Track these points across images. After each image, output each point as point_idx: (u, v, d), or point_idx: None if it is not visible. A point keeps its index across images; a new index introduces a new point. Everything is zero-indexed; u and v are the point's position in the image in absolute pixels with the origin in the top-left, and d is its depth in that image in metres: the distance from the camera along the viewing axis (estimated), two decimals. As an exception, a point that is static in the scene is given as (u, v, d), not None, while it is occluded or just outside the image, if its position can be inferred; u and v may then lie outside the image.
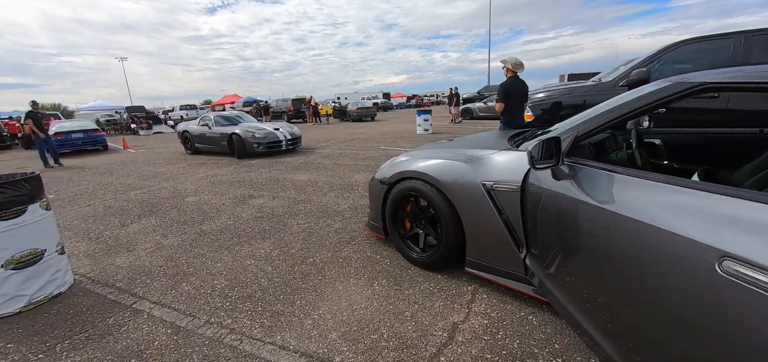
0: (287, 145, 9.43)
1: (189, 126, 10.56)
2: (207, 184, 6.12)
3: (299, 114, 24.13)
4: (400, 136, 12.15)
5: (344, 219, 3.88)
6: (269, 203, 4.70)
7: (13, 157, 13.45)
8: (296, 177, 6.27)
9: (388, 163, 3.10)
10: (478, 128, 13.44)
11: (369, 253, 3.01)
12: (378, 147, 9.61)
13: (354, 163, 7.37)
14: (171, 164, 8.74)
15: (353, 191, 5.07)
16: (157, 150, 12.33)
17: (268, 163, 7.88)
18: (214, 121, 9.91)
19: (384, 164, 3.15)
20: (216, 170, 7.46)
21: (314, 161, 7.83)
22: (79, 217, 4.64)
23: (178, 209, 4.68)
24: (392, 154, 8.40)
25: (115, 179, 7.22)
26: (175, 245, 3.45)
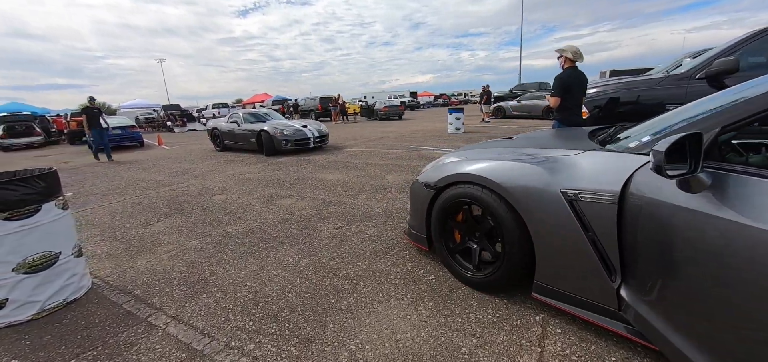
0: (315, 142, 9.26)
1: (218, 123, 10.59)
2: (235, 182, 5.95)
3: (327, 112, 24.13)
4: (431, 135, 11.67)
5: (378, 225, 3.51)
6: (297, 204, 4.41)
7: (59, 152, 14.14)
8: (325, 176, 5.98)
9: (433, 164, 2.70)
10: (512, 128, 12.74)
11: (410, 266, 2.61)
12: (408, 146, 9.19)
13: (385, 162, 7.00)
14: (201, 161, 8.73)
15: (386, 193, 4.69)
16: (190, 147, 12.53)
17: (296, 161, 7.66)
18: (242, 119, 9.86)
19: (428, 165, 2.75)
20: (244, 168, 7.32)
21: (343, 160, 7.53)
22: (108, 213, 4.55)
23: (205, 208, 4.49)
24: (425, 154, 7.99)
25: (147, 175, 7.24)
26: (199, 248, 3.20)
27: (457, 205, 2.28)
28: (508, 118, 18.60)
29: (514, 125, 13.95)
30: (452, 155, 2.65)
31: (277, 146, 8.68)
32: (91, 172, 8.11)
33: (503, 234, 2.02)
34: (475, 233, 2.29)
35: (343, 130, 16.10)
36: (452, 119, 12.24)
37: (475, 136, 10.83)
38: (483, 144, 3.01)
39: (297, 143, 8.86)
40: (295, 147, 8.86)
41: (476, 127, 14.10)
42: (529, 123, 14.69)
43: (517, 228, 1.94)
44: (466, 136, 10.98)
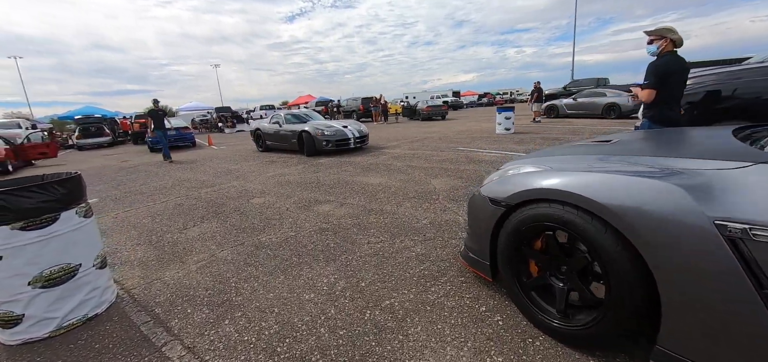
0: (355, 142, 9.03)
1: (261, 124, 10.71)
2: (274, 185, 5.77)
3: (368, 113, 24.01)
4: (478, 136, 10.92)
5: (426, 240, 3.03)
6: (336, 211, 4.06)
7: (123, 151, 15.27)
8: (366, 180, 5.60)
9: (500, 174, 2.16)
10: (569, 129, 11.59)
11: (468, 300, 2.11)
12: (455, 148, 8.58)
13: (429, 165, 6.49)
14: (245, 161, 8.80)
15: (433, 201, 4.19)
16: (237, 147, 12.87)
17: (337, 163, 7.40)
18: (284, 119, 9.85)
19: (493, 175, 2.22)
20: (284, 169, 7.19)
21: (385, 162, 7.13)
22: (150, 215, 4.52)
23: (241, 212, 4.29)
24: (473, 156, 7.35)
25: (192, 175, 7.36)
26: (229, 260, 2.94)
27: (535, 229, 1.75)
28: (562, 117, 17.17)
29: (570, 125, 12.72)
30: (524, 163, 2.10)
31: (318, 146, 8.53)
32: (145, 171, 8.47)
33: (607, 273, 1.46)
34: (560, 267, 1.74)
35: (385, 130, 15.77)
36: (501, 119, 11.38)
37: (527, 137, 9.93)
38: (562, 148, 2.41)
39: (337, 144, 8.65)
40: (336, 147, 8.66)
41: (527, 127, 13.07)
42: (586, 123, 13.35)
43: (631, 268, 1.38)
44: (517, 137, 10.11)
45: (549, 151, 2.37)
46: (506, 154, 7.10)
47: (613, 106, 15.30)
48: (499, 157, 6.90)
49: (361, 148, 9.48)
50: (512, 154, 7.12)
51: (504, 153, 7.30)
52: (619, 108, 15.07)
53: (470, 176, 5.36)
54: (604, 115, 15.46)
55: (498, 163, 6.18)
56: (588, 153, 1.95)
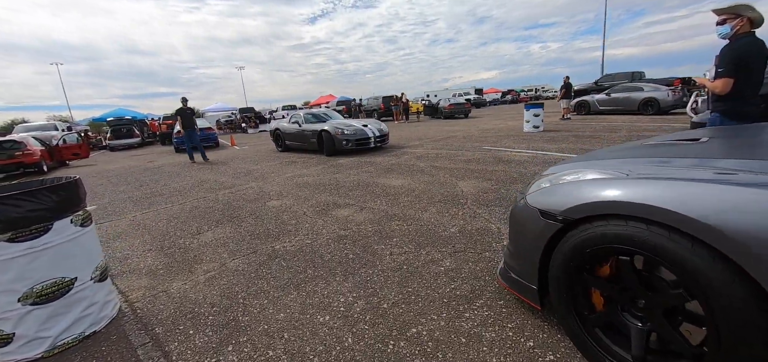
0: (376, 141, 8.81)
1: (280, 124, 10.63)
2: (292, 186, 5.57)
3: (389, 112, 23.72)
4: (505, 135, 10.39)
5: (456, 253, 2.69)
6: (356, 216, 3.77)
7: (150, 152, 15.68)
8: (388, 182, 5.30)
9: (551, 178, 1.79)
10: (602, 126, 10.87)
11: (511, 332, 1.76)
12: (481, 147, 8.14)
13: (454, 166, 6.10)
14: (264, 162, 8.70)
15: (461, 206, 3.83)
16: (258, 147, 12.89)
17: (357, 163, 7.13)
18: (303, 119, 9.71)
19: (541, 181, 1.85)
20: (303, 170, 6.99)
21: (407, 163, 6.80)
22: (166, 218, 4.40)
23: (257, 217, 4.08)
24: (502, 156, 6.90)
25: (213, 176, 7.30)
26: (239, 270, 2.71)
27: (604, 252, 1.38)
28: (594, 114, 16.26)
29: (604, 122, 11.93)
30: (586, 166, 1.72)
31: (338, 146, 8.32)
32: (168, 172, 8.52)
33: (714, 315, 1.08)
34: (635, 301, 1.36)
35: (406, 129, 15.42)
36: (529, 116, 10.79)
37: (559, 135, 9.32)
38: (629, 149, 2.01)
39: (357, 143, 8.42)
40: (356, 147, 8.44)
41: (556, 124, 12.39)
42: (622, 120, 12.49)
43: (758, 315, 1.00)
44: (547, 135, 9.52)
45: (613, 152, 1.98)
46: (538, 154, 6.61)
47: (651, 101, 14.31)
48: (531, 156, 6.42)
49: (381, 147, 9.21)
50: (545, 154, 6.63)
51: (535, 152, 6.81)
52: (657, 103, 14.08)
53: (500, 178, 4.95)
54: (640, 111, 14.49)
55: (529, 164, 5.73)
56: (672, 155, 1.56)
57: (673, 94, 14.11)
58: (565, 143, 7.75)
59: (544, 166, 5.43)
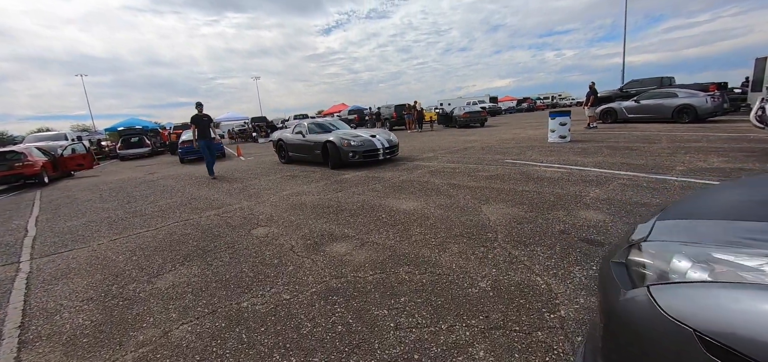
0: (384, 153, 8.03)
1: (283, 134, 9.96)
2: (287, 208, 4.82)
3: (402, 120, 22.98)
4: (527, 146, 9.46)
5: (491, 331, 1.84)
6: (354, 255, 2.97)
7: (158, 162, 15.30)
8: (397, 204, 4.49)
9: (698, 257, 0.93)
10: (636, 136, 9.82)
11: None
12: (502, 160, 7.24)
13: (476, 184, 5.25)
14: (264, 176, 8.01)
15: (489, 243, 2.98)
16: (263, 158, 12.29)
17: (364, 179, 6.35)
18: (307, 129, 9.01)
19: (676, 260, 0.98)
20: (304, 186, 6.25)
21: (420, 179, 5.97)
22: (132, 248, 3.70)
23: (234, 251, 3.33)
24: (531, 172, 5.96)
25: (205, 192, 6.64)
26: (183, 346, 1.93)
27: None
28: (621, 122, 15.12)
29: (636, 131, 10.83)
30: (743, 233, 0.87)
31: (344, 159, 7.56)
32: (163, 186, 7.93)
33: None
34: None
35: (419, 139, 14.60)
36: (555, 125, 9.84)
37: (590, 146, 8.34)
38: None
39: (365, 155, 7.65)
40: (363, 159, 7.66)
41: (582, 134, 11.40)
42: (655, 129, 11.37)
43: None
44: (576, 146, 8.54)
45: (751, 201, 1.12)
46: (572, 170, 5.69)
47: (687, 108, 13.10)
48: (565, 173, 5.50)
49: (390, 159, 8.42)
50: (581, 169, 5.70)
51: (568, 167, 5.88)
52: (694, 110, 12.87)
53: (534, 201, 4.08)
54: (675, 119, 13.29)
55: (565, 182, 4.83)
56: None
57: (713, 101, 12.85)
58: (600, 156, 6.79)
59: (593, 186, 4.52)
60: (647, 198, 3.89)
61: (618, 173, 5.23)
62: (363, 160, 7.68)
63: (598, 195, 4.18)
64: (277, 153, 10.33)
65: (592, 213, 3.55)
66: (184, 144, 13.18)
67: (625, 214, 3.45)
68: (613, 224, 3.21)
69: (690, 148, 7.03)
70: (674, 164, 5.57)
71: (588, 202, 3.92)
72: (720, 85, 16.97)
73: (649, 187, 4.36)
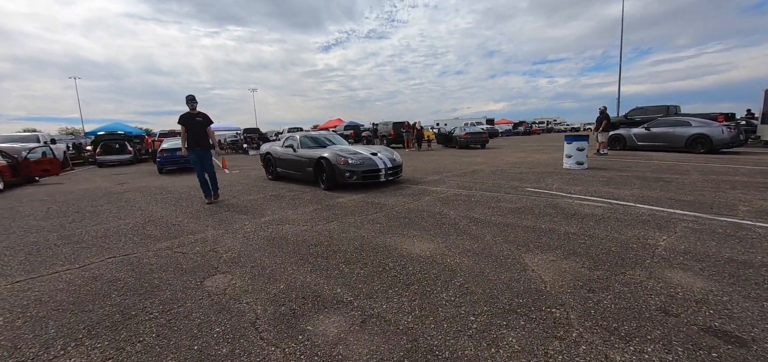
0: (387, 174, 6.99)
1: (272, 147, 8.89)
2: (262, 242, 3.73)
3: (399, 138, 22.10)
4: (541, 171, 8.51)
5: None
6: (351, 344, 1.89)
7: (138, 171, 14.00)
8: (407, 245, 3.42)
9: None
10: (655, 165, 8.97)
11: None
12: (521, 187, 6.26)
13: (501, 218, 4.22)
14: (245, 194, 6.89)
15: (560, 326, 1.93)
16: (250, 172, 11.17)
17: (362, 204, 5.29)
18: (299, 143, 7.95)
19: None
20: (289, 211, 5.16)
21: (431, 208, 4.93)
22: (19, 305, 2.55)
23: (167, 321, 2.22)
24: (562, 205, 4.72)
25: (167, 212, 5.49)
26: None
27: None
28: (630, 149, 14.39)
29: (652, 160, 9.99)
30: None
31: (339, 178, 6.51)
32: (126, 201, 6.75)
33: None
34: None
35: (420, 159, 13.64)
36: (572, 150, 8.94)
37: (613, 176, 7.42)
38: None
39: (365, 175, 6.61)
40: (362, 180, 6.61)
41: (594, 160, 10.52)
42: (670, 158, 10.56)
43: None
44: (598, 174, 7.61)
45: None
46: (613, 205, 4.71)
47: (702, 138, 12.40)
48: (606, 208, 4.52)
49: (393, 180, 7.40)
50: (624, 204, 4.72)
51: (605, 201, 4.91)
52: (709, 141, 12.16)
53: (589, 249, 3.05)
54: (688, 149, 12.57)
55: (616, 222, 3.83)
56: None
57: (729, 131, 12.17)
58: (634, 188, 5.85)
59: (655, 230, 3.51)
60: (740, 252, 2.90)
61: (673, 212, 4.26)
62: (362, 182, 6.64)
63: (672, 244, 3.17)
64: (264, 167, 9.24)
65: (685, 275, 2.54)
66: (164, 153, 12.01)
67: (732, 279, 2.44)
68: (730, 298, 2.20)
69: (732, 182, 6.13)
70: (731, 202, 4.63)
71: (665, 255, 2.91)
72: (728, 116, 16.45)
73: (726, 234, 3.39)
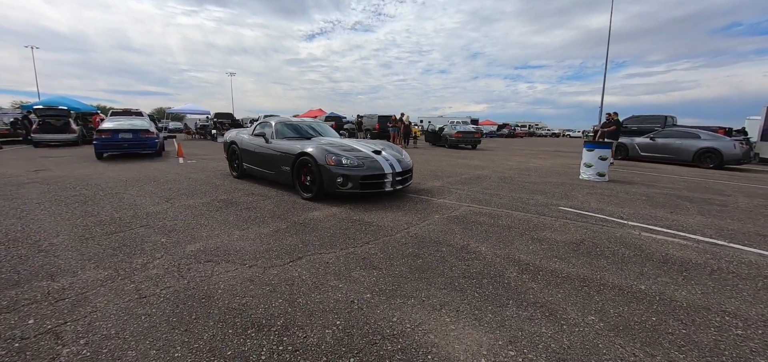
0: (395, 182, 5.01)
1: (239, 135, 6.98)
2: (161, 313, 2.05)
3: (384, 133, 20.49)
4: (559, 183, 7.14)
5: None
6: None
7: (77, 153, 11.68)
8: (434, 336, 1.85)
9: None
10: (682, 181, 7.82)
11: None
12: (553, 205, 4.81)
13: (565, 265, 2.73)
14: (188, 197, 5.09)
15: None
16: (208, 163, 9.25)
17: (344, 226, 3.67)
18: (274, 131, 6.06)
19: None
20: (234, 234, 3.47)
21: (448, 237, 3.38)
22: None
23: None
24: (643, 245, 1.98)
25: (48, 226, 3.67)
26: None
27: None
28: (632, 159, 13.43)
29: (672, 174, 8.87)
30: None
31: (327, 185, 4.68)
32: (26, 199, 4.82)
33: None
34: None
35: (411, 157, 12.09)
36: (592, 159, 7.64)
37: (642, 191, 6.13)
38: None
39: (364, 182, 4.71)
40: (360, 190, 4.74)
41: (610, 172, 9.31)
42: (685, 172, 9.52)
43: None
44: (633, 191, 6.31)
45: None
46: (698, 242, 3.33)
47: (712, 152, 11.53)
48: (691, 246, 3.11)
49: (400, 191, 5.68)
50: (703, 241, 3.34)
51: (676, 233, 3.53)
52: (720, 156, 11.31)
53: None
54: (696, 163, 11.69)
55: (728, 274, 2.39)
56: None
57: (741, 147, 11.37)
58: (693, 214, 4.54)
59: None
60: None
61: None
62: (359, 191, 4.75)
63: None
64: (229, 160, 7.28)
65: None
66: (102, 134, 9.84)
67: None
68: None
69: None
70: None
71: None
72: (728, 131, 15.88)
73: None
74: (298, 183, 5.13)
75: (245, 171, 6.60)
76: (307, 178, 4.99)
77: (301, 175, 5.08)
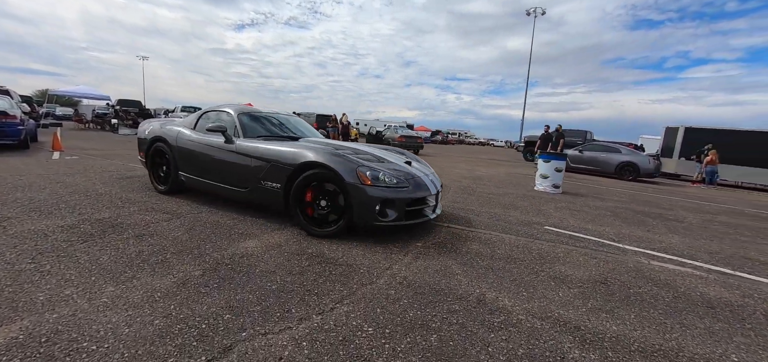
0: (435, 207, 3.69)
1: (172, 130, 4.58)
2: None
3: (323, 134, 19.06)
4: (520, 194, 6.77)
5: None
6: None
7: None
8: None
9: None
10: (620, 194, 8.13)
11: None
12: (538, 225, 4.21)
13: (597, 322, 1.97)
14: (45, 215, 3.36)
15: None
16: (96, 161, 7.04)
17: (299, 271, 2.50)
18: (240, 127, 4.04)
19: None
20: (111, 288, 2.07)
21: (447, 283, 2.43)
22: None
23: None
24: (654, 275, 2.11)
25: None
26: None
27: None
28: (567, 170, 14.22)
29: (603, 186, 9.30)
30: None
31: (359, 214, 3.09)
32: None
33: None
34: None
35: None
36: (549, 170, 7.47)
37: (597, 204, 6.02)
38: None
39: (410, 209, 3.29)
40: (404, 220, 3.23)
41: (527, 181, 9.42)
42: (610, 184, 10.17)
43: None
44: (596, 206, 6.15)
45: None
46: (710, 271, 2.91)
47: (630, 166, 12.73)
48: (717, 280, 2.66)
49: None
50: (714, 270, 2.95)
51: (677, 259, 3.11)
52: (637, 169, 12.54)
53: None
54: (617, 175, 12.80)
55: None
56: None
57: (654, 162, 12.79)
58: (661, 233, 4.32)
59: None
60: None
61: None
62: (403, 222, 3.24)
63: None
64: (149, 167, 4.85)
65: None
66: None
67: None
68: None
69: (751, 228, 5.11)
70: None
71: None
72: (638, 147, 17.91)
73: None
74: (300, 210, 3.34)
75: (183, 183, 4.43)
76: (321, 204, 3.27)
77: (290, 196, 3.34)
